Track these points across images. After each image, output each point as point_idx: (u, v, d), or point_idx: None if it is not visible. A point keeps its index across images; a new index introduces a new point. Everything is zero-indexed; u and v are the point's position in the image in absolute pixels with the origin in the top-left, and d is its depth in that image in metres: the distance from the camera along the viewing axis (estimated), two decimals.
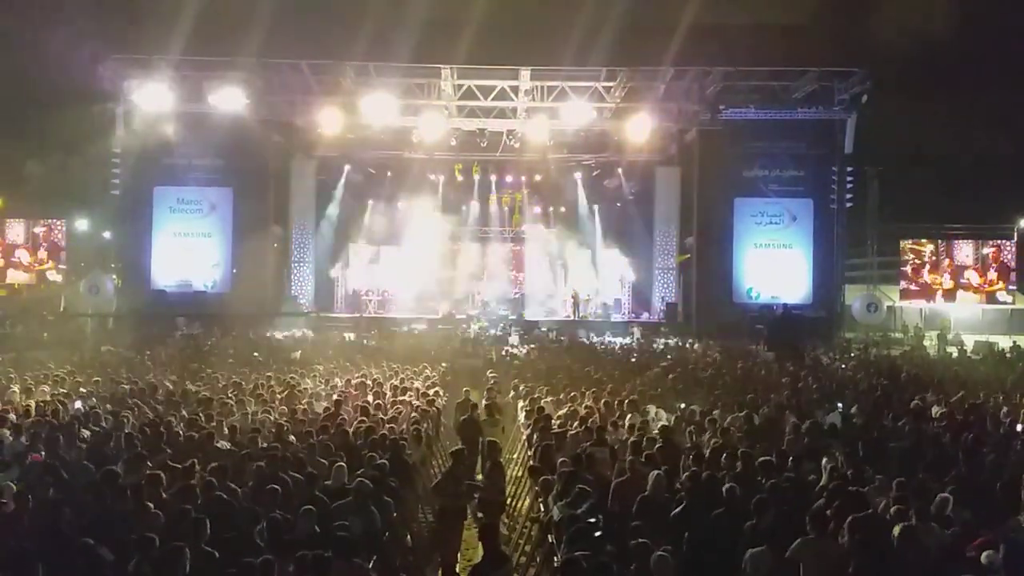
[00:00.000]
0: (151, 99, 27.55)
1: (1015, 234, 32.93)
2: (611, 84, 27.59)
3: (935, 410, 12.93)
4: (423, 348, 22.33)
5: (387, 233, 33.88)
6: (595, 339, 26.18)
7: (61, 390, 13.29)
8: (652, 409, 12.73)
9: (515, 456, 12.19)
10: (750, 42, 25.62)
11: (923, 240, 32.63)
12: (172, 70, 27.43)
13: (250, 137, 28.51)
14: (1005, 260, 32.25)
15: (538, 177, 33.17)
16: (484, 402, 14.02)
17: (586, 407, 12.70)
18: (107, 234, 33.74)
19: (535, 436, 11.08)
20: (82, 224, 35.29)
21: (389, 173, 33.07)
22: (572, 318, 30.56)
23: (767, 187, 29.35)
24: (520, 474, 11.27)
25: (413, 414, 12.00)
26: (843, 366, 20.36)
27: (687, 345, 24.44)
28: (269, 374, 15.99)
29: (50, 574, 6.20)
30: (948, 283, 32.17)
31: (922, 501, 7.42)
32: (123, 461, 8.76)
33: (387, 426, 11.00)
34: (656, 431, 10.97)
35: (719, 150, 28.69)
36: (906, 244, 32.49)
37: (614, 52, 25.49)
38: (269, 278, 30.34)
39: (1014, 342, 24.73)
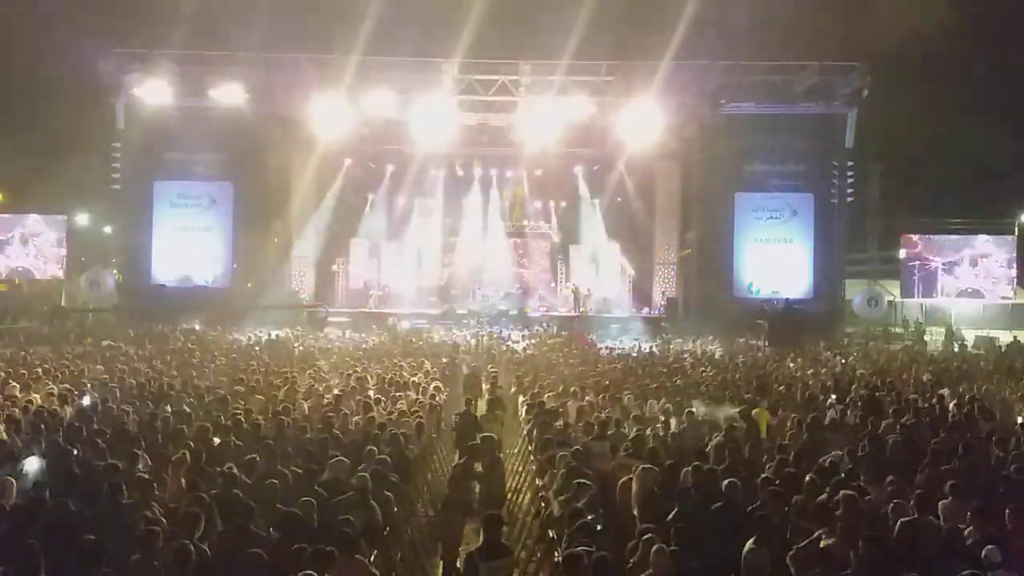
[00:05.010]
0: (152, 93, 27.55)
1: (1015, 229, 32.91)
2: (612, 78, 27.56)
3: (936, 404, 12.92)
4: (424, 343, 22.35)
5: (387, 228, 33.90)
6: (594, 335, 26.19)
7: (64, 385, 13.28)
8: (652, 404, 12.74)
9: (515, 451, 12.21)
10: (751, 36, 25.65)
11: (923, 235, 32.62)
12: (173, 64, 27.41)
13: (250, 131, 28.47)
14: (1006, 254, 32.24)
15: (539, 171, 33.12)
16: (485, 396, 14.04)
17: (587, 402, 12.71)
18: (108, 229, 33.79)
19: (535, 431, 11.10)
20: (83, 219, 35.33)
21: (390, 167, 33.03)
22: (573, 313, 30.57)
23: (768, 181, 29.33)
24: (520, 469, 11.29)
25: (414, 409, 12.01)
26: (843, 361, 20.36)
27: (688, 342, 24.45)
28: (271, 368, 16.01)
29: (53, 570, 6.21)
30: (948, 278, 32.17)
31: (922, 495, 7.43)
32: (127, 456, 8.77)
33: (387, 418, 11.02)
34: (657, 426, 11.01)
35: (720, 144, 28.65)
36: (906, 238, 32.46)
37: (615, 46, 25.53)
38: (269, 273, 30.33)
39: (1015, 337, 24.74)
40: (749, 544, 6.45)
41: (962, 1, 27.58)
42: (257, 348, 20.54)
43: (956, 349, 24.62)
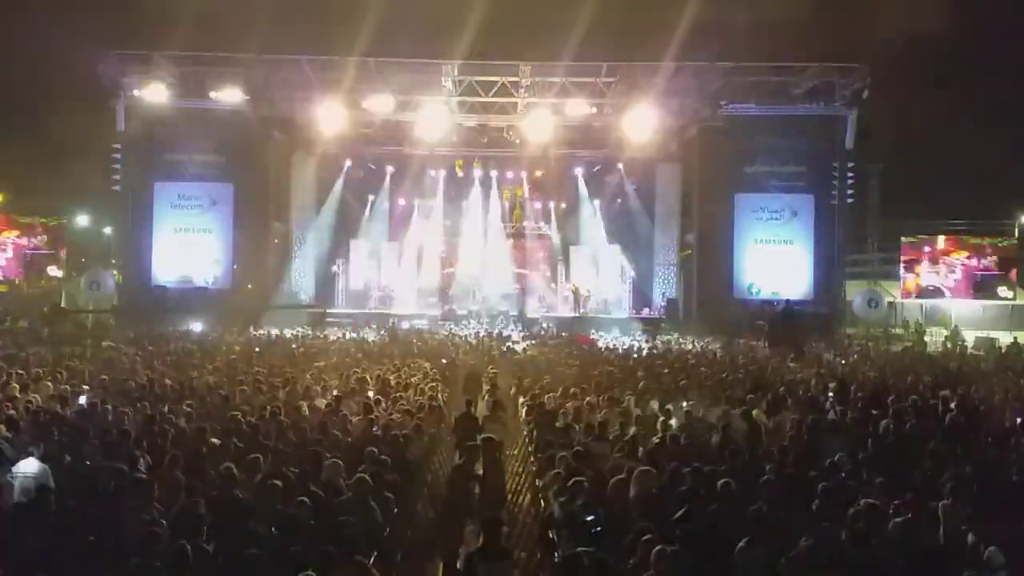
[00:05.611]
0: (152, 95, 27.54)
1: (1016, 230, 32.90)
2: (612, 80, 27.57)
3: (936, 405, 12.91)
4: (424, 344, 22.34)
5: (388, 229, 33.93)
6: (595, 335, 26.20)
7: (64, 386, 13.26)
8: (653, 405, 12.72)
9: (515, 452, 12.19)
10: (751, 38, 25.63)
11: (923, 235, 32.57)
12: (173, 66, 27.44)
13: (251, 133, 28.50)
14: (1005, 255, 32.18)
15: (539, 173, 33.17)
16: (485, 397, 14.02)
17: (587, 402, 12.70)
18: (108, 230, 33.79)
19: (535, 431, 11.10)
20: (83, 220, 35.33)
21: (390, 169, 33.08)
22: (573, 314, 30.56)
23: (768, 183, 29.33)
24: (520, 470, 11.28)
25: (414, 410, 11.99)
26: (844, 362, 20.35)
27: (688, 343, 24.43)
28: (271, 369, 15.99)
29: (53, 571, 6.20)
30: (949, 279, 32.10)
31: (922, 497, 7.42)
32: (126, 457, 8.76)
33: (387, 419, 11.01)
34: (657, 427, 11.00)
35: (720, 146, 28.65)
36: (907, 240, 32.41)
37: (615, 48, 25.53)
38: (270, 274, 30.36)
39: (1015, 338, 24.72)
40: (741, 544, 6.45)
41: (962, 2, 27.56)
42: (257, 349, 20.51)
43: (956, 351, 24.59)
